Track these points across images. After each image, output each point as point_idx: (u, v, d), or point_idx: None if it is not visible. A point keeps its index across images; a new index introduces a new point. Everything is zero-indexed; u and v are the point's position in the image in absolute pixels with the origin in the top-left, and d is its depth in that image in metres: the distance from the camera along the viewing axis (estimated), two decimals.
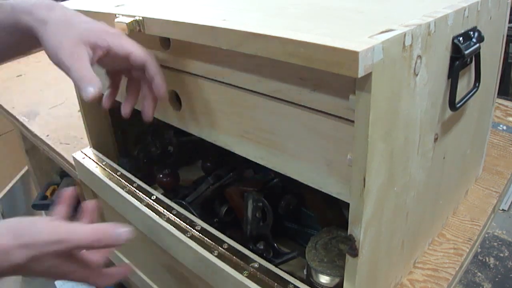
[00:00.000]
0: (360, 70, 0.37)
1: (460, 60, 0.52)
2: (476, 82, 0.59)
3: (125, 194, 0.74)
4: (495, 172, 0.85)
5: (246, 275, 0.56)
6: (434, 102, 0.52)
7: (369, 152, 0.42)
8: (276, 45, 0.42)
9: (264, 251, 0.65)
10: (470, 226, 0.73)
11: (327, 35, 0.41)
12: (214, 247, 0.61)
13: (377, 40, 0.39)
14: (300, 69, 0.45)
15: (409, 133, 0.49)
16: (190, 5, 0.60)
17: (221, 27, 0.47)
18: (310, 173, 0.50)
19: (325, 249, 0.59)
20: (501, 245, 1.88)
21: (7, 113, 1.26)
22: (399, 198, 0.52)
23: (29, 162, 1.59)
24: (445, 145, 0.60)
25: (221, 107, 0.57)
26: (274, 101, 0.50)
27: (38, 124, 1.15)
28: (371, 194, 0.45)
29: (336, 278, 0.55)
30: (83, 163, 0.84)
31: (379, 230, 0.49)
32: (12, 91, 1.36)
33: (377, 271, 0.53)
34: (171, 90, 0.64)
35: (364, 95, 0.40)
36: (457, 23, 0.51)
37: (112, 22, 0.59)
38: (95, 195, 0.87)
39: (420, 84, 0.47)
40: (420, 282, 0.63)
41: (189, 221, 0.66)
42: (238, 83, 0.53)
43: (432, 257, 0.67)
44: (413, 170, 0.53)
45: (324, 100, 0.45)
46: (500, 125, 1.01)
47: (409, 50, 0.43)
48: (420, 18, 0.46)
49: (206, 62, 0.56)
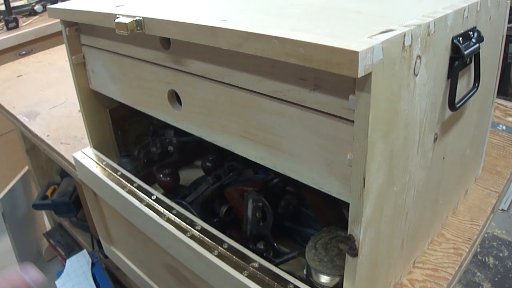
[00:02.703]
0: (360, 70, 0.37)
1: (459, 60, 0.52)
2: (475, 82, 0.59)
3: (125, 194, 0.74)
4: (494, 172, 0.85)
5: (246, 275, 0.56)
6: (434, 102, 0.52)
7: (369, 152, 0.42)
8: (276, 45, 0.42)
9: (264, 251, 0.65)
10: (470, 226, 0.73)
11: (327, 35, 0.41)
12: (214, 247, 0.61)
13: (376, 40, 0.39)
14: (300, 69, 0.46)
15: (409, 133, 0.49)
16: (190, 5, 0.61)
17: (221, 27, 0.47)
18: (310, 173, 0.50)
19: (325, 249, 0.59)
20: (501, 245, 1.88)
21: (7, 113, 1.26)
22: (398, 198, 0.52)
23: (29, 162, 1.59)
24: (445, 145, 0.60)
25: (221, 107, 0.57)
26: (274, 101, 0.50)
27: (38, 124, 1.15)
28: (371, 194, 0.45)
29: (336, 277, 0.55)
30: (83, 163, 0.84)
31: (379, 230, 0.49)
32: (13, 91, 1.36)
33: (376, 270, 0.53)
34: (171, 90, 0.64)
35: (364, 95, 0.40)
36: (456, 23, 0.51)
37: (112, 22, 0.59)
38: (95, 195, 0.87)
39: (419, 84, 0.47)
40: (419, 282, 0.63)
41: (189, 221, 0.66)
42: (238, 83, 0.53)
43: (432, 257, 0.67)
44: (413, 170, 0.53)
45: (324, 100, 0.45)
46: (499, 125, 1.01)
47: (409, 50, 0.43)
48: (419, 18, 0.46)
49: (206, 62, 0.56)
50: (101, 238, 0.98)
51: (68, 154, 0.98)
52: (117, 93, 0.77)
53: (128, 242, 0.88)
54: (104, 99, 0.83)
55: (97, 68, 0.78)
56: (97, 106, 0.85)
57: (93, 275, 1.37)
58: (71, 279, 1.37)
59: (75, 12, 0.69)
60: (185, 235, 0.64)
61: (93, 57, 0.78)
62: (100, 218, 0.92)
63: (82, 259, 1.42)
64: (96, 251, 1.45)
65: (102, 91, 0.80)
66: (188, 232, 0.64)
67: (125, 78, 0.73)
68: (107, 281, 1.36)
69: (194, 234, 0.64)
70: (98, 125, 0.87)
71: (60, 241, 1.69)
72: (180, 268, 0.70)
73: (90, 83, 0.82)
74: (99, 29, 0.72)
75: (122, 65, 0.72)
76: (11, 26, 1.95)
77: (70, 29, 0.77)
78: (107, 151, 0.88)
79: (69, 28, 0.77)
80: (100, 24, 0.64)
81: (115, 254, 0.94)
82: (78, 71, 0.81)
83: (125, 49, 0.69)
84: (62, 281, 1.37)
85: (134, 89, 0.72)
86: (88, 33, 0.76)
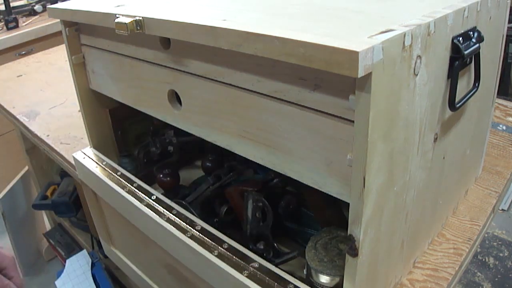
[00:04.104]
0: (360, 70, 0.37)
1: (459, 60, 0.52)
2: (475, 82, 0.59)
3: (125, 194, 0.74)
4: (494, 172, 0.85)
5: (246, 275, 0.56)
6: (434, 102, 0.52)
7: (369, 152, 0.42)
8: (276, 45, 0.42)
9: (264, 251, 0.65)
10: (470, 226, 0.73)
11: (327, 35, 0.41)
12: (214, 247, 0.61)
13: (377, 40, 0.39)
14: (300, 69, 0.45)
15: (409, 133, 0.49)
16: (190, 5, 0.61)
17: (221, 27, 0.47)
18: (310, 173, 0.50)
19: (325, 249, 0.59)
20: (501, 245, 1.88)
21: (7, 113, 1.26)
22: (399, 198, 0.52)
23: (29, 162, 1.59)
24: (445, 145, 0.60)
25: (221, 107, 0.57)
26: (274, 101, 0.50)
27: (38, 124, 1.15)
28: (371, 194, 0.45)
29: (336, 278, 0.55)
30: (83, 163, 0.84)
31: (379, 230, 0.49)
32: (13, 91, 1.36)
33: (377, 270, 0.53)
34: (171, 90, 0.64)
35: (364, 95, 0.40)
36: (456, 23, 0.51)
37: (112, 22, 0.59)
38: (95, 195, 0.87)
39: (420, 84, 0.47)
40: (420, 282, 0.63)
41: (189, 221, 0.66)
42: (238, 83, 0.53)
43: (432, 257, 0.67)
44: (413, 170, 0.53)
45: (324, 100, 0.45)
46: (499, 125, 1.01)
47: (409, 50, 0.43)
48: (419, 18, 0.46)
49: (206, 62, 0.56)
50: (101, 238, 0.98)
51: (68, 154, 0.99)
52: (117, 93, 0.77)
53: (128, 242, 0.88)
54: (104, 99, 0.83)
55: (97, 68, 0.78)
56: (97, 106, 0.85)
57: (93, 275, 1.37)
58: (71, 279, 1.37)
59: (75, 12, 0.69)
60: (185, 235, 0.64)
61: (93, 57, 0.78)
62: (100, 218, 0.92)
63: (82, 259, 1.42)
64: (96, 251, 1.46)
65: (102, 91, 0.80)
66: (188, 232, 0.64)
67: (125, 78, 0.73)
68: (107, 281, 1.36)
69: (194, 234, 0.64)
70: (98, 125, 0.87)
71: (60, 241, 1.69)
72: (180, 268, 0.70)
73: (90, 83, 0.82)
74: (99, 29, 0.72)
75: (122, 65, 0.72)
76: (11, 26, 1.95)
77: (70, 29, 0.77)
78: (107, 151, 0.88)
79: (69, 28, 0.77)
80: (100, 24, 0.64)
81: (115, 254, 0.94)
82: (78, 71, 0.81)
83: (125, 49, 0.69)
84: (62, 281, 1.37)
85: (134, 89, 0.72)
86: (88, 33, 0.76)
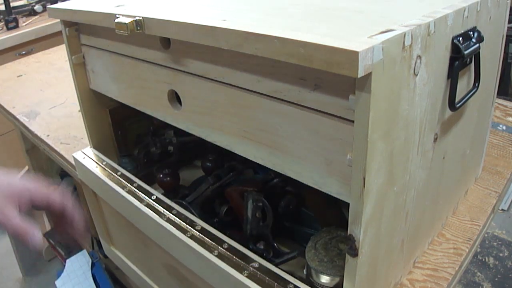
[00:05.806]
0: (360, 70, 0.37)
1: (459, 60, 0.52)
2: (475, 82, 0.59)
3: (125, 194, 0.74)
4: (494, 172, 0.85)
5: (246, 275, 0.56)
6: (434, 102, 0.52)
7: (369, 152, 0.42)
8: (276, 45, 0.42)
9: (264, 251, 0.65)
10: (470, 226, 0.73)
11: (327, 35, 0.41)
12: (214, 247, 0.61)
13: (377, 40, 0.39)
14: (300, 69, 0.46)
15: (409, 133, 0.49)
16: (190, 5, 0.61)
17: (221, 27, 0.47)
18: (310, 173, 0.50)
19: (325, 249, 0.59)
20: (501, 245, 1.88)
21: (7, 113, 1.26)
22: (398, 198, 0.52)
23: (29, 162, 1.59)
24: (445, 145, 0.60)
25: (221, 107, 0.57)
26: (274, 101, 0.50)
27: (38, 124, 1.15)
28: (371, 194, 0.45)
29: (336, 278, 0.55)
30: (83, 163, 0.84)
31: (379, 230, 0.49)
32: (13, 91, 1.36)
33: (377, 270, 0.53)
34: (171, 90, 0.64)
35: (364, 95, 0.40)
36: (456, 23, 0.51)
37: (112, 22, 0.59)
38: (95, 195, 0.87)
39: (419, 84, 0.47)
40: (419, 282, 0.63)
41: (189, 221, 0.66)
42: (238, 83, 0.53)
43: (432, 257, 0.67)
44: (413, 170, 0.53)
45: (324, 100, 0.45)
46: (499, 125, 1.01)
47: (409, 50, 0.43)
48: (419, 18, 0.46)
49: (206, 62, 0.56)
50: (101, 238, 0.98)
51: (68, 154, 0.99)
52: (117, 93, 0.77)
53: (128, 242, 0.88)
54: (104, 99, 0.83)
55: (97, 68, 0.78)
56: (97, 106, 0.85)
57: (93, 275, 1.37)
58: (71, 279, 1.37)
59: (75, 12, 0.69)
60: (185, 235, 0.64)
61: (93, 57, 0.78)
62: (100, 218, 0.92)
63: (82, 259, 1.42)
64: (96, 251, 1.45)
65: (102, 91, 0.80)
66: (188, 232, 0.64)
67: (125, 78, 0.73)
68: (107, 281, 1.36)
69: (194, 234, 0.64)
70: (98, 125, 0.87)
71: (60, 241, 1.69)
72: (180, 268, 0.70)
73: (90, 83, 0.82)
74: (99, 29, 0.72)
75: (122, 65, 0.72)
76: (11, 26, 1.95)
77: (70, 29, 0.77)
78: (107, 151, 0.88)
79: (69, 28, 0.77)
80: (100, 24, 0.64)
81: (115, 254, 0.94)
82: (78, 71, 0.81)
83: (125, 49, 0.69)
84: (62, 281, 1.37)
85: (134, 89, 0.72)
86: (88, 33, 0.76)
